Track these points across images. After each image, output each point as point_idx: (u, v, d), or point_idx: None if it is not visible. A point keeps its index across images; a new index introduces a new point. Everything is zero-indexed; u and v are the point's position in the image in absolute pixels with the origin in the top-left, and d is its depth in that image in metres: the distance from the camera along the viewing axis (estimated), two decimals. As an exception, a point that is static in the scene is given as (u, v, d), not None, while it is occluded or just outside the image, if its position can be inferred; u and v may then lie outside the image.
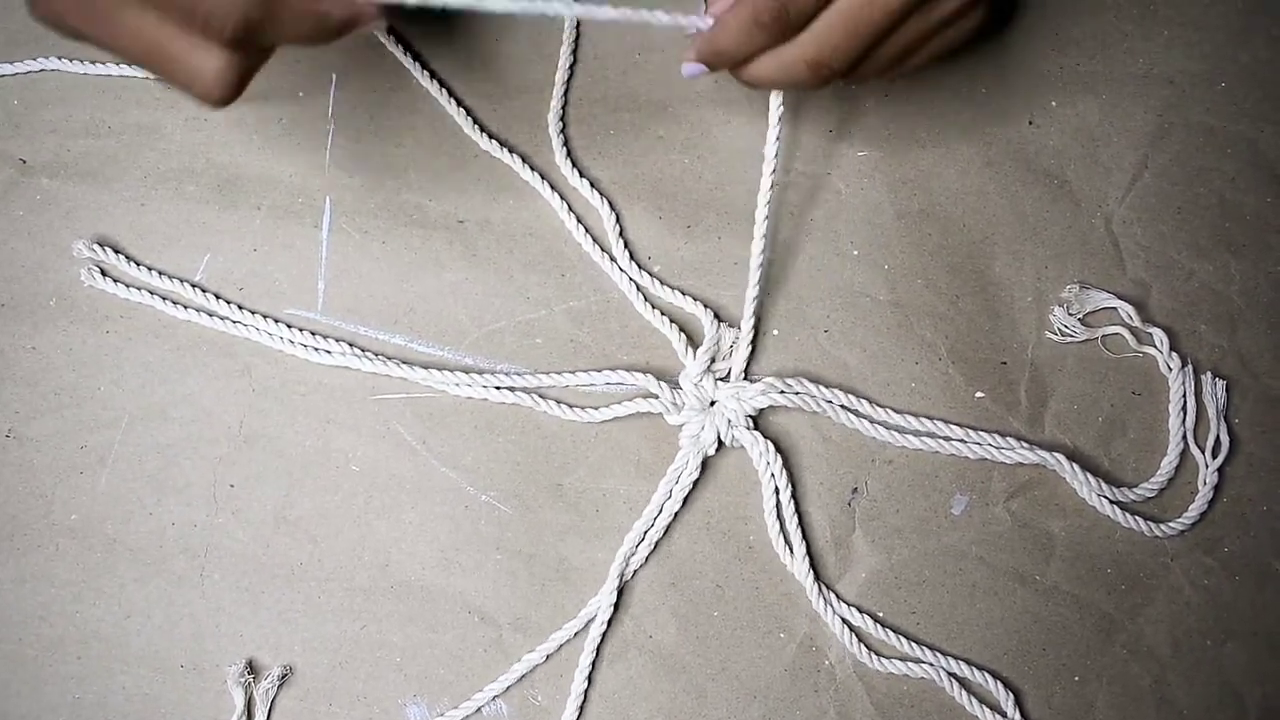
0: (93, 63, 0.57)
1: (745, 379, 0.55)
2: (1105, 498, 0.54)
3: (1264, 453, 0.54)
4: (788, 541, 0.54)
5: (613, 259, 0.56)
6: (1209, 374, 0.54)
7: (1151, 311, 0.55)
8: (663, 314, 0.55)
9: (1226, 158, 0.56)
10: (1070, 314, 0.55)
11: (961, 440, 0.54)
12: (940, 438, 0.54)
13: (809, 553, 0.54)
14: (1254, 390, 0.55)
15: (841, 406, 0.54)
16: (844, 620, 0.53)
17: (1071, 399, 0.55)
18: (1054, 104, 0.56)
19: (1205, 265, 0.55)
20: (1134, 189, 0.56)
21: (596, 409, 0.54)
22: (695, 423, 0.54)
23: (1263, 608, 0.54)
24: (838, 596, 0.54)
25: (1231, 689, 0.53)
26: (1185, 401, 0.54)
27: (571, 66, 0.57)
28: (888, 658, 0.53)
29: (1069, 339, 0.55)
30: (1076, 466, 0.53)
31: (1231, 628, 0.53)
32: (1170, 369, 0.54)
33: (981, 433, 0.54)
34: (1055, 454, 0.53)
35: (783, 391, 0.54)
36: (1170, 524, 0.53)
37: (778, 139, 0.50)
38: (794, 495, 0.54)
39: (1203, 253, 0.56)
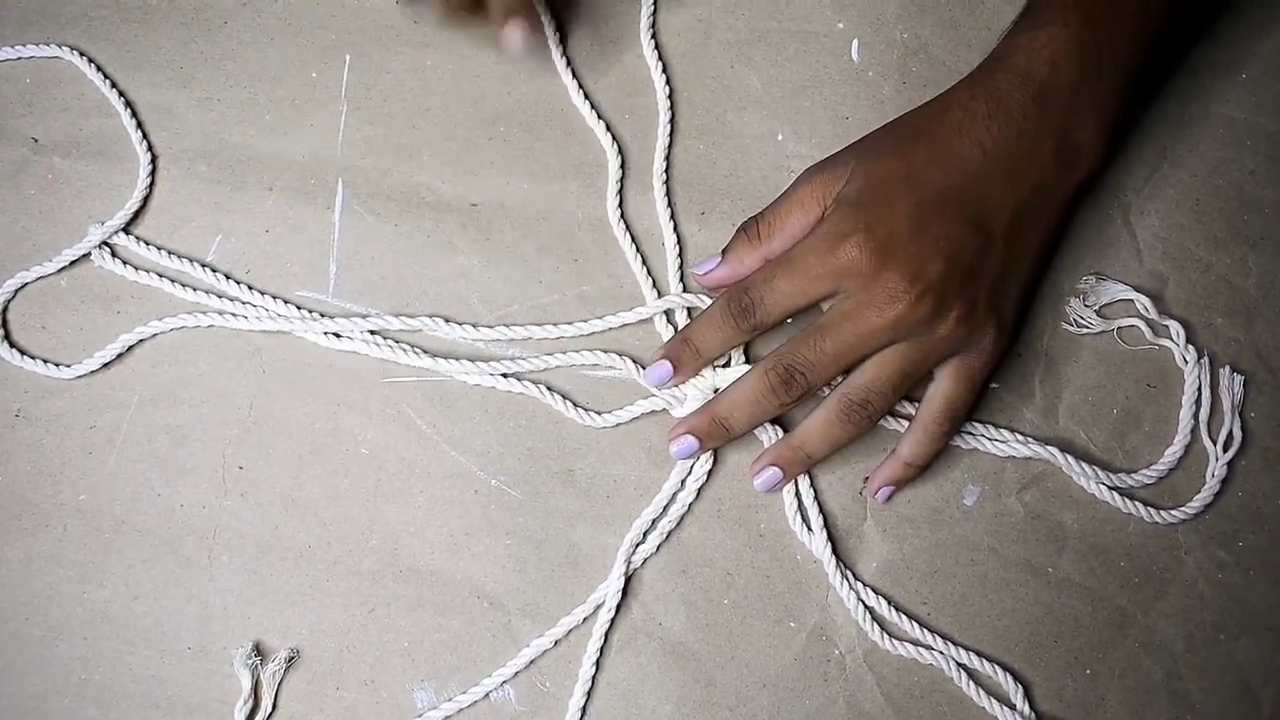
0: (102, 72, 0.57)
1: (746, 363, 0.54)
2: (1104, 485, 0.53)
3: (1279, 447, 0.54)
4: (805, 519, 0.53)
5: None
6: (1227, 367, 0.54)
7: (1168, 304, 0.55)
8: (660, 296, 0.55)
9: (1246, 150, 0.56)
10: (1086, 305, 0.55)
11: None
12: None
13: (826, 525, 0.53)
14: (1270, 385, 0.54)
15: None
16: (859, 598, 0.53)
17: (1086, 391, 0.55)
18: (1072, 93, 0.56)
19: (1223, 258, 0.55)
20: (1152, 180, 0.56)
21: (600, 414, 0.54)
22: (702, 412, 0.54)
23: (1277, 603, 0.53)
24: (854, 575, 0.53)
25: (1245, 684, 0.53)
26: (1200, 394, 0.54)
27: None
28: (900, 640, 0.53)
29: (1084, 330, 0.55)
30: (1071, 457, 0.53)
31: (1246, 623, 0.53)
32: (1186, 362, 0.54)
33: (977, 424, 0.54)
34: (1050, 447, 0.53)
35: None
36: (1173, 511, 0.53)
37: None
38: (806, 471, 0.54)
39: (1220, 245, 0.55)
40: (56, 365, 0.55)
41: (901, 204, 0.48)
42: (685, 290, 0.55)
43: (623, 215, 0.56)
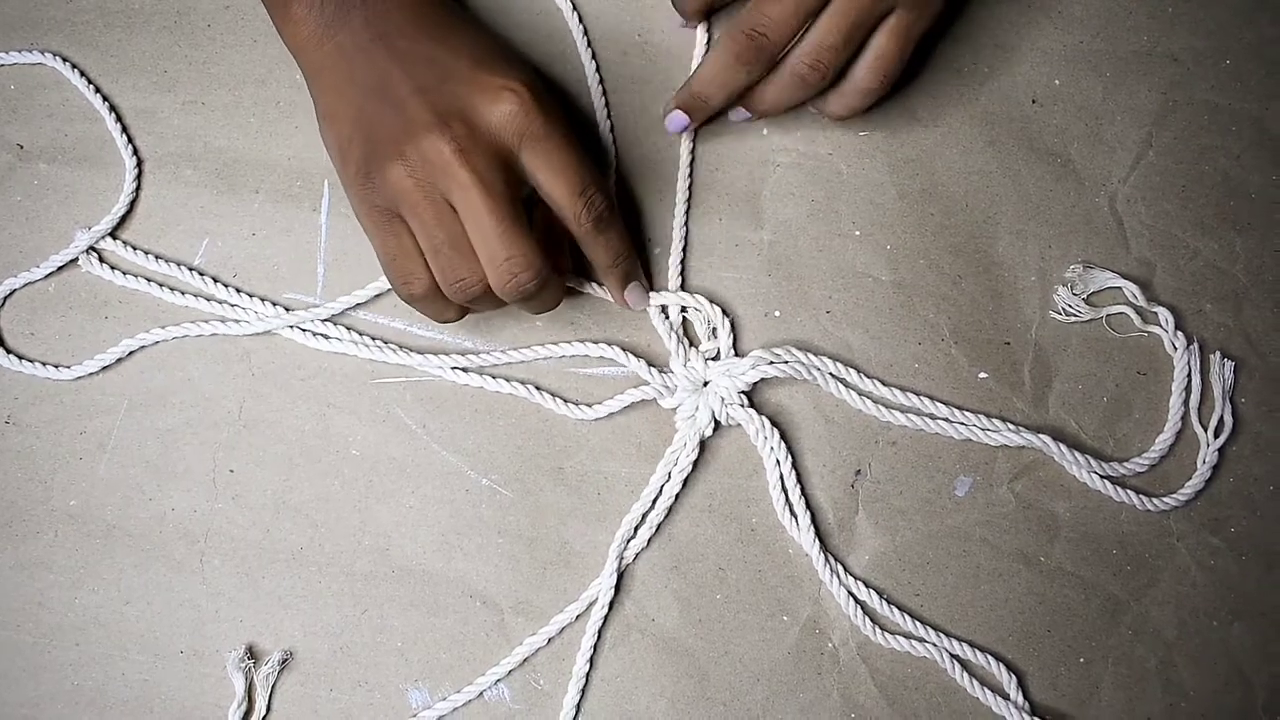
0: (93, 85, 0.57)
1: (736, 355, 0.54)
2: (1096, 473, 0.53)
3: (1271, 432, 0.54)
4: (793, 512, 0.53)
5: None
6: (1216, 353, 0.54)
7: (1156, 290, 0.55)
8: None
9: (1231, 135, 0.56)
10: (1074, 294, 0.55)
11: (947, 419, 0.54)
12: (926, 415, 0.54)
13: (814, 522, 0.53)
14: (1260, 369, 0.54)
15: (830, 375, 0.54)
16: (850, 592, 0.53)
17: (1076, 379, 0.55)
18: (1057, 82, 0.56)
19: (1210, 243, 0.55)
20: (1138, 167, 0.56)
21: (591, 405, 0.54)
22: (689, 404, 0.54)
23: (1270, 588, 0.53)
24: (845, 569, 0.53)
25: (1238, 670, 0.53)
26: (1189, 380, 0.54)
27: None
28: (892, 633, 0.53)
29: (1073, 319, 0.55)
30: (1063, 446, 0.53)
31: (1238, 608, 0.53)
32: (1175, 348, 0.54)
33: (968, 413, 0.54)
34: (1041, 435, 0.53)
35: (771, 362, 0.53)
36: (1164, 499, 0.53)
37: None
38: (795, 466, 0.54)
39: (1207, 231, 0.55)
40: (55, 367, 0.55)
41: None
42: (683, 287, 0.55)
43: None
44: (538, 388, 0.54)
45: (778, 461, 0.53)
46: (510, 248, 0.46)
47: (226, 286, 0.55)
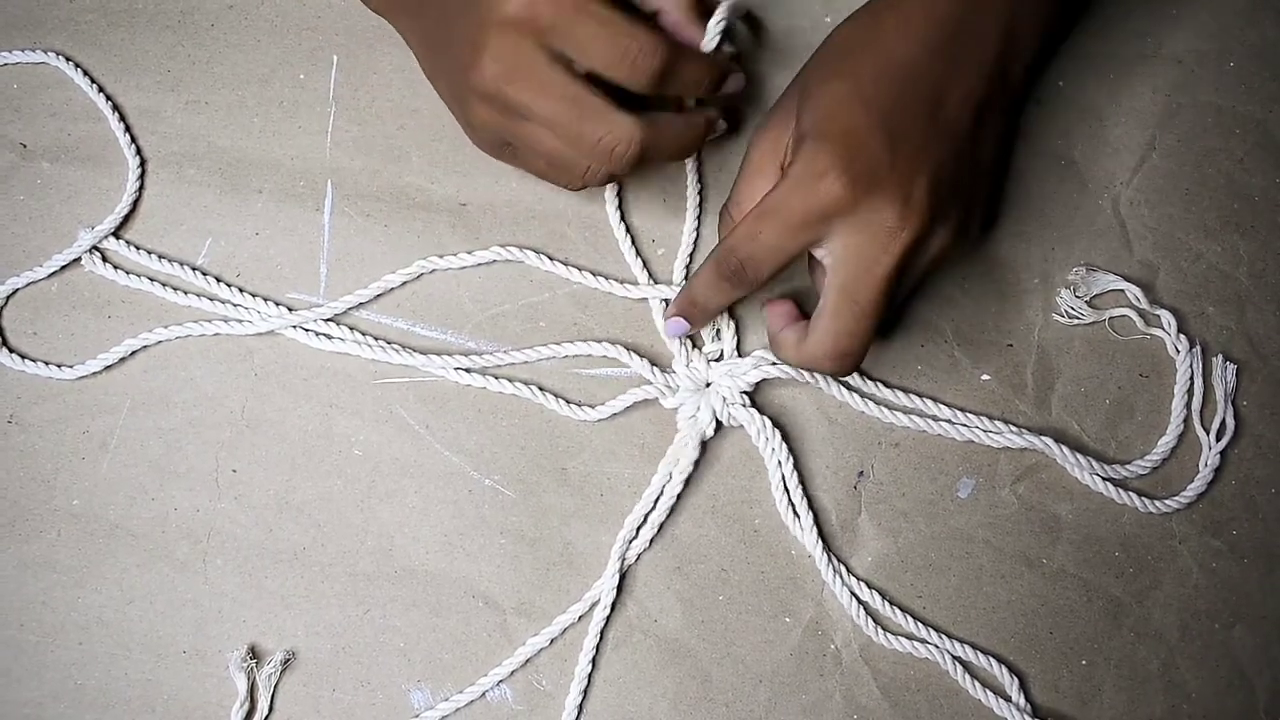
0: (95, 83, 0.57)
1: (738, 355, 0.54)
2: (1098, 476, 0.53)
3: (1273, 435, 0.54)
4: (795, 513, 0.53)
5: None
6: (1219, 356, 0.54)
7: (1159, 293, 0.55)
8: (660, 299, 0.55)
9: (1235, 138, 0.56)
10: (1077, 296, 0.55)
11: (949, 421, 0.54)
12: (928, 417, 0.54)
13: (816, 523, 0.53)
14: (1263, 373, 0.54)
15: None
16: (852, 594, 0.53)
17: (1078, 381, 0.55)
18: (1060, 84, 0.56)
19: (1213, 246, 0.55)
20: (1141, 170, 0.56)
21: (594, 406, 0.54)
22: (691, 404, 0.54)
23: (1271, 591, 0.53)
24: (848, 569, 0.53)
25: (1240, 672, 0.53)
26: (1192, 383, 0.54)
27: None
28: (895, 635, 0.53)
29: (1076, 321, 0.55)
30: (1065, 448, 0.53)
31: (1240, 611, 0.53)
32: (1178, 351, 0.54)
33: (970, 415, 0.54)
34: (1044, 437, 0.53)
35: (774, 363, 0.53)
36: (1167, 501, 0.53)
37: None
38: (797, 466, 0.54)
39: (1211, 234, 0.55)
40: (58, 367, 0.55)
41: (864, 126, 0.46)
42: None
43: (621, 211, 0.56)
44: (540, 388, 0.54)
45: (780, 462, 0.53)
46: (593, 129, 0.46)
47: (229, 286, 0.55)
